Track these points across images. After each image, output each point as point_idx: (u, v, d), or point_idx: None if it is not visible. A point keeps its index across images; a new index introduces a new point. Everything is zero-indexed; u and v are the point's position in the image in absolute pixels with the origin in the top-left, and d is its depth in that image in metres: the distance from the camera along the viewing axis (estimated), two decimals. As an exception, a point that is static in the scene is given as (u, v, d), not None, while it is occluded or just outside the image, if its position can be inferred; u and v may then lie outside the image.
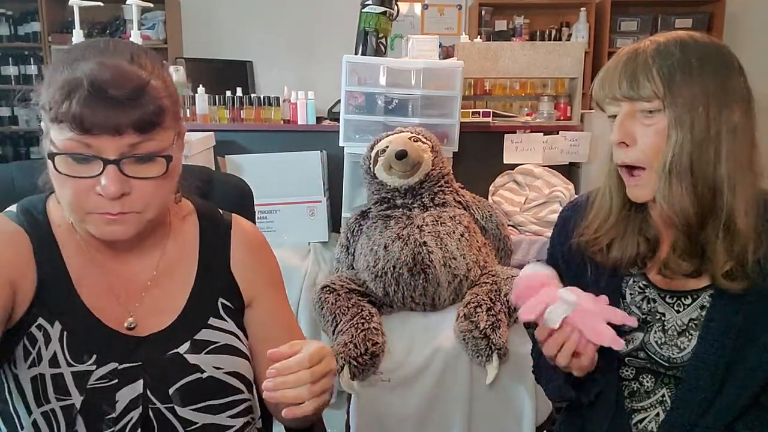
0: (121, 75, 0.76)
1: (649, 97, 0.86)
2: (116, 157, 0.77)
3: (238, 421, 0.91)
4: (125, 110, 0.75)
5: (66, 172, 0.77)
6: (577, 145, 2.46)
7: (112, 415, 0.82)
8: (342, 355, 1.57)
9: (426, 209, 1.80)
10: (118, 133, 0.76)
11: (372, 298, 1.76)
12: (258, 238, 1.02)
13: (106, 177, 0.76)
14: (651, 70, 0.86)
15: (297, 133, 2.49)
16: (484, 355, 1.58)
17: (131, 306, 0.88)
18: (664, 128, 0.86)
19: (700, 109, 0.85)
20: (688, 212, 0.87)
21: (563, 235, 1.07)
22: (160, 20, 4.35)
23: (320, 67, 4.34)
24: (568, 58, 2.49)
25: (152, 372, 0.85)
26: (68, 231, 0.88)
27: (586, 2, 4.32)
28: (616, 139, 0.90)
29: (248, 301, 0.97)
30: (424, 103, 2.13)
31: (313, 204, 2.31)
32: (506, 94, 2.90)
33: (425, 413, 1.65)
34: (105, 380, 0.82)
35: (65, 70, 0.77)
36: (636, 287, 0.98)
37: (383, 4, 2.22)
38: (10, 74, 4.40)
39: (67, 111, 0.74)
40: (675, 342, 0.93)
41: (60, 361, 0.81)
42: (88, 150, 0.76)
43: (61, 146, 0.76)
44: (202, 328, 0.90)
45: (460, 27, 4.60)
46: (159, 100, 0.79)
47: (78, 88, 0.74)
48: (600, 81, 0.93)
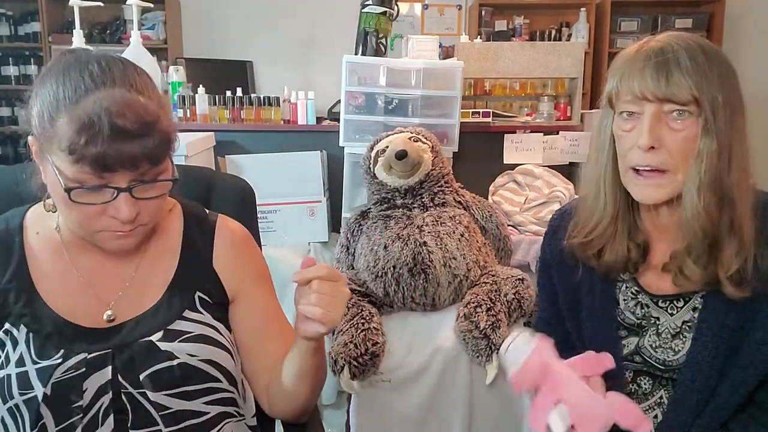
0: (133, 111, 0.79)
1: (686, 100, 0.83)
2: (127, 185, 0.82)
3: (214, 408, 0.92)
4: (140, 145, 0.80)
5: (80, 200, 0.81)
6: (577, 145, 2.46)
7: (79, 403, 0.83)
8: (342, 355, 1.57)
9: (426, 209, 1.80)
10: (135, 167, 0.81)
11: (372, 298, 1.76)
12: (242, 234, 1.04)
13: (120, 203, 0.82)
14: (689, 71, 0.83)
15: (297, 133, 2.49)
16: (484, 355, 1.58)
17: (111, 300, 0.92)
18: (695, 135, 0.84)
19: (722, 116, 0.84)
20: (714, 220, 0.85)
21: (554, 242, 1.07)
22: (160, 20, 4.35)
23: (320, 67, 4.34)
24: (568, 58, 2.49)
25: (122, 358, 0.87)
26: (49, 237, 0.92)
27: (586, 2, 4.33)
28: (646, 143, 0.86)
29: (233, 297, 0.99)
30: (424, 103, 2.13)
31: (313, 204, 2.31)
32: (506, 94, 2.90)
33: (425, 413, 1.64)
34: (72, 371, 0.84)
35: (71, 105, 0.79)
36: (629, 293, 0.98)
37: (383, 5, 2.22)
38: (10, 74, 4.41)
39: (85, 150, 0.77)
40: (669, 345, 0.93)
41: (26, 361, 0.84)
42: (101, 181, 0.80)
43: (74, 177, 0.80)
44: (177, 319, 0.92)
45: (460, 27, 4.61)
46: (168, 130, 0.83)
47: (95, 128, 0.77)
48: (624, 74, 0.89)
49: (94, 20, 4.38)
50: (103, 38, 4.34)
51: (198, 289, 0.96)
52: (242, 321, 0.99)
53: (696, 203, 0.86)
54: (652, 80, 0.85)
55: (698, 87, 0.83)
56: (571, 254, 1.00)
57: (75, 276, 0.91)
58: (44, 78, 0.83)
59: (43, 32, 4.28)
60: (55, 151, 0.80)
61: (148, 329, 0.90)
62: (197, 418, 0.90)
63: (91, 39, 4.16)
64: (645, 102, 0.86)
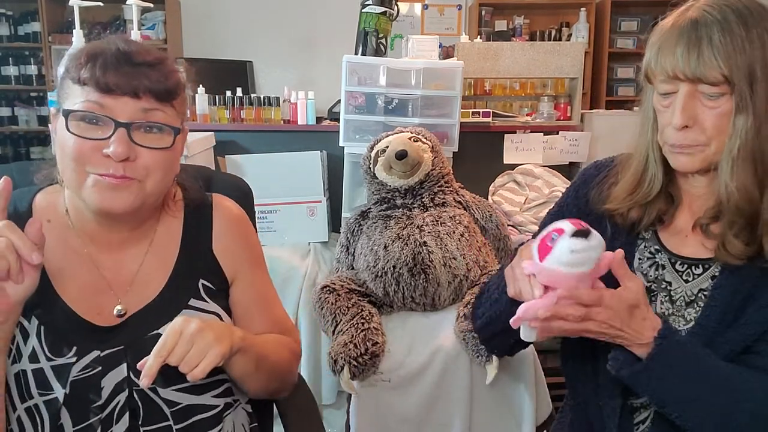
0: (144, 48, 0.85)
1: (716, 80, 0.82)
2: (127, 120, 0.82)
3: (221, 401, 0.92)
4: (147, 74, 0.82)
5: (77, 132, 0.81)
6: (577, 145, 2.46)
7: (98, 402, 0.83)
8: (342, 355, 1.57)
9: (426, 209, 1.80)
10: (137, 96, 0.82)
11: (372, 298, 1.76)
12: (238, 215, 1.04)
13: (116, 138, 0.81)
14: (719, 49, 0.81)
15: (297, 133, 2.49)
16: (484, 355, 1.58)
17: (121, 293, 0.90)
18: (730, 111, 0.83)
19: (758, 86, 0.82)
20: (753, 195, 0.84)
21: (582, 190, 1.04)
22: (160, 20, 4.35)
23: (320, 67, 4.34)
24: (568, 58, 2.49)
25: (134, 354, 0.85)
26: (59, 225, 0.90)
27: (586, 2, 4.33)
28: (679, 123, 0.85)
29: (231, 280, 0.99)
30: (424, 103, 2.13)
31: (313, 204, 2.31)
32: (506, 94, 2.90)
33: (425, 413, 1.64)
34: (89, 369, 0.84)
35: (86, 48, 0.84)
36: (647, 252, 0.97)
37: (383, 4, 2.22)
38: (10, 74, 4.40)
39: (92, 71, 0.80)
40: (682, 313, 0.92)
41: (39, 356, 0.83)
42: (101, 110, 0.81)
43: (78, 108, 0.81)
44: (183, 308, 0.91)
45: (460, 27, 4.61)
46: (176, 74, 0.86)
47: (103, 52, 0.82)
48: (658, 51, 0.87)
49: (94, 20, 4.38)
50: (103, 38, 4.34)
51: (201, 276, 0.95)
52: (235, 306, 1.00)
53: (728, 181, 0.85)
54: (683, 60, 0.83)
55: (730, 64, 0.81)
56: (597, 210, 0.98)
57: (86, 266, 0.90)
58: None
59: (43, 32, 4.28)
60: (66, 94, 0.83)
61: (156, 322, 0.89)
62: (206, 412, 0.90)
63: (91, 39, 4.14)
64: (678, 81, 0.86)
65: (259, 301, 1.02)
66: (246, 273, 1.00)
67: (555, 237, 0.76)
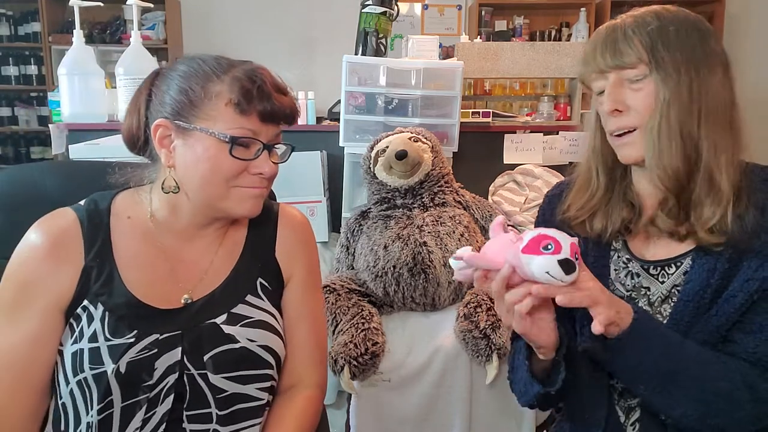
0: (273, 74, 0.95)
1: (633, 63, 0.89)
2: (268, 142, 0.93)
3: (265, 395, 0.96)
4: (289, 101, 0.94)
5: (239, 156, 0.90)
6: (577, 145, 2.46)
7: (149, 382, 0.87)
8: (342, 355, 1.57)
9: (426, 209, 1.80)
10: (286, 121, 0.95)
11: (372, 298, 1.77)
12: (302, 221, 1.10)
13: (264, 159, 0.93)
14: (632, 39, 0.89)
15: (297, 133, 2.48)
16: (484, 355, 1.58)
17: (190, 286, 0.96)
18: (653, 91, 0.89)
19: (683, 70, 0.88)
20: (678, 170, 0.89)
21: (548, 212, 1.09)
22: (160, 20, 4.35)
23: (320, 67, 4.35)
24: (568, 58, 2.49)
25: (190, 339, 0.91)
26: (139, 223, 0.97)
27: (586, 2, 4.33)
28: (608, 108, 0.92)
29: (287, 280, 1.04)
30: (424, 103, 2.13)
31: (313, 204, 2.31)
32: (506, 94, 2.91)
33: (425, 413, 1.65)
34: (146, 351, 0.88)
35: (222, 73, 0.91)
36: (620, 263, 0.99)
37: (383, 5, 2.22)
38: (10, 74, 4.41)
39: (259, 104, 0.89)
40: (658, 310, 0.94)
41: (99, 337, 0.88)
42: (256, 136, 0.91)
43: (232, 134, 0.89)
44: (239, 303, 0.97)
45: (460, 27, 4.61)
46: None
47: (259, 85, 0.90)
48: (584, 59, 0.96)
49: (94, 20, 4.38)
50: (103, 38, 4.34)
51: (260, 275, 1.01)
52: (287, 302, 1.04)
53: (652, 150, 0.89)
54: (602, 55, 0.91)
55: (644, 47, 0.88)
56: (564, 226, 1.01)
57: (160, 261, 0.96)
58: (166, 74, 0.95)
59: (43, 32, 4.28)
60: (208, 115, 0.89)
61: (213, 312, 0.94)
62: (248, 402, 0.93)
63: (91, 39, 4.16)
64: (605, 75, 0.93)
65: (308, 313, 1.06)
66: (301, 273, 1.05)
67: (549, 248, 0.78)
